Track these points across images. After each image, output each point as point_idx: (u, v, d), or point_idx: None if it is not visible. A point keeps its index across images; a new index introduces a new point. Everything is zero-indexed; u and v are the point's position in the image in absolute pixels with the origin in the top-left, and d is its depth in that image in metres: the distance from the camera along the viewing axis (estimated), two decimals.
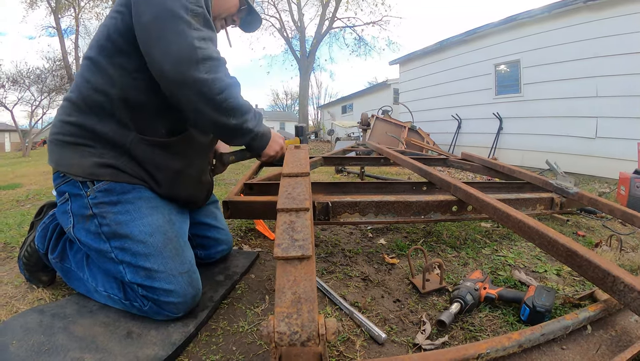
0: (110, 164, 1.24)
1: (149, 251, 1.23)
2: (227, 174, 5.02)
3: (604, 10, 5.48)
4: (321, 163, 3.08)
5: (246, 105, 1.27)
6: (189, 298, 1.25)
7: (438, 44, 9.26)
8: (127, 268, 1.24)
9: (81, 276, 1.38)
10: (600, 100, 5.59)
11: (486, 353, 0.85)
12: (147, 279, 1.22)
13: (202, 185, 1.55)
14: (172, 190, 1.37)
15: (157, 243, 1.25)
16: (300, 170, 1.16)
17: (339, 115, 23.47)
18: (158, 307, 1.22)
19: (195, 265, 1.36)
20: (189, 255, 1.34)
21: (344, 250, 1.96)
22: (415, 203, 1.65)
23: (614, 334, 1.06)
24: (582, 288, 1.52)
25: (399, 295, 1.48)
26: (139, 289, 1.23)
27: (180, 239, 1.33)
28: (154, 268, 1.22)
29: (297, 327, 0.52)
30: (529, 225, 1.23)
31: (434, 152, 6.88)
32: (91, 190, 1.23)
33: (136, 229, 1.24)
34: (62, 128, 1.25)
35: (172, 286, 1.22)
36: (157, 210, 1.31)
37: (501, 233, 2.25)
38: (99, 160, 1.23)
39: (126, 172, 1.26)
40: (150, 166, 1.30)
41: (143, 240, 1.23)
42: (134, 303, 1.26)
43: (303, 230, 0.72)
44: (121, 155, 1.26)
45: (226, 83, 1.18)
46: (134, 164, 1.27)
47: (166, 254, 1.25)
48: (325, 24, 19.54)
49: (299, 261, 0.63)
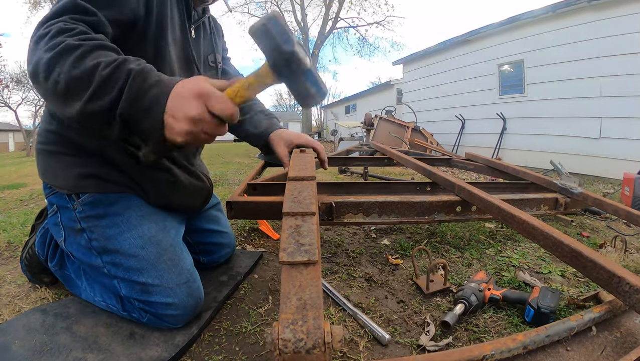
0: (94, 174, 1.17)
1: (142, 265, 1.17)
2: (230, 174, 5.03)
3: (607, 10, 5.45)
4: None
5: (85, 73, 0.81)
6: (189, 309, 1.21)
7: (441, 44, 9.24)
8: (121, 283, 1.20)
9: (79, 285, 1.36)
10: (604, 100, 5.57)
11: (491, 355, 0.85)
12: (143, 293, 1.17)
13: (196, 191, 1.42)
14: (162, 200, 1.29)
15: (150, 255, 1.18)
16: (306, 173, 1.16)
17: (342, 115, 23.48)
18: (157, 319, 1.18)
19: (196, 272, 1.30)
20: (187, 263, 1.27)
21: (347, 250, 1.96)
22: (419, 204, 1.65)
23: (619, 336, 1.05)
24: (586, 290, 1.51)
25: (402, 296, 1.47)
26: (135, 303, 1.19)
27: (176, 247, 1.26)
28: (148, 283, 1.17)
29: (303, 334, 0.51)
30: (533, 225, 1.22)
31: (438, 152, 6.86)
32: (77, 203, 1.19)
33: (126, 243, 1.17)
34: (46, 137, 1.21)
35: (171, 299, 1.17)
36: (148, 218, 1.23)
37: (505, 233, 2.25)
38: (83, 170, 1.17)
39: (112, 180, 1.19)
40: (135, 175, 1.21)
41: (134, 253, 1.17)
42: (132, 315, 1.22)
43: (309, 235, 0.71)
44: (104, 164, 1.18)
45: (47, 59, 0.82)
46: (118, 173, 1.20)
47: (161, 266, 1.19)
48: (328, 24, 19.56)
49: (305, 266, 0.63)
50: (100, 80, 0.81)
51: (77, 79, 0.81)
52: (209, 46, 1.52)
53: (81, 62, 0.82)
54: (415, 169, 2.39)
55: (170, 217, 1.33)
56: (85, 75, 0.81)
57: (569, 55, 6.06)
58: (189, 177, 1.36)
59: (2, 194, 4.00)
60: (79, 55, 0.82)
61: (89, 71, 0.81)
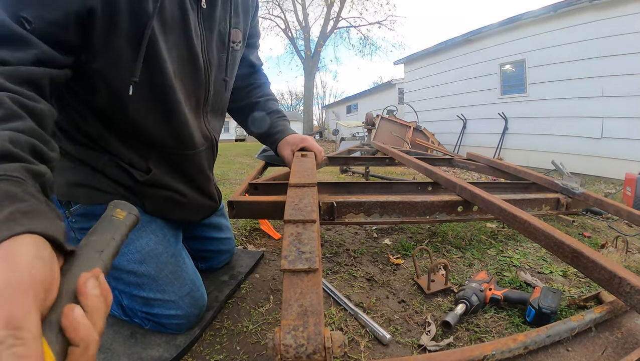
0: (86, 183, 1.08)
1: (142, 280, 1.13)
2: (231, 174, 5.03)
3: (609, 9, 5.45)
4: (326, 163, 3.08)
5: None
6: (193, 317, 1.19)
7: (443, 43, 9.24)
8: (122, 295, 1.18)
9: None
10: (606, 100, 5.56)
11: (491, 355, 0.85)
12: (145, 306, 1.15)
13: (202, 208, 1.37)
14: (158, 214, 1.22)
15: (150, 270, 1.13)
16: (307, 180, 1.16)
17: (343, 115, 23.47)
18: (160, 326, 1.17)
19: (198, 279, 1.27)
20: (189, 272, 1.24)
21: (348, 250, 1.96)
22: (420, 204, 1.65)
23: (620, 336, 1.05)
24: (587, 290, 1.51)
25: (403, 296, 1.47)
26: (138, 312, 1.18)
27: (177, 257, 1.22)
28: (150, 297, 1.14)
29: (303, 340, 0.52)
30: (535, 225, 1.22)
31: (439, 152, 6.86)
32: (69, 212, 1.11)
33: (123, 259, 1.11)
34: None
35: (174, 311, 1.15)
36: (146, 229, 1.16)
37: (507, 233, 2.24)
38: (72, 177, 1.08)
39: (105, 191, 1.09)
40: (130, 189, 1.13)
41: (133, 270, 1.12)
42: (134, 320, 1.21)
43: (310, 243, 0.72)
44: (95, 172, 1.09)
45: None
46: (111, 182, 1.10)
47: (162, 281, 1.15)
48: (330, 23, 19.54)
49: (306, 273, 0.64)
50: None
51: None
52: (224, 17, 1.16)
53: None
54: (416, 169, 2.39)
55: (167, 226, 1.26)
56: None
57: (570, 55, 6.05)
58: (198, 195, 1.31)
59: None
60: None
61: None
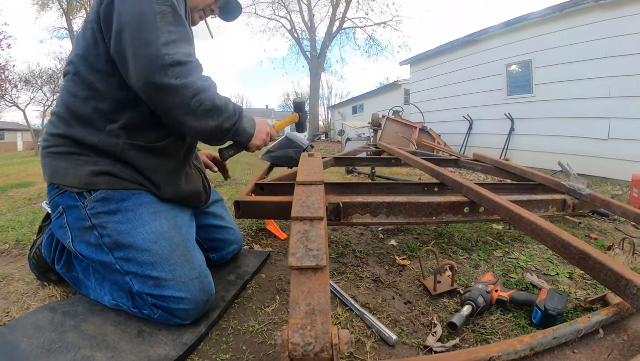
0: (106, 171, 1.21)
1: (155, 259, 1.20)
2: (237, 174, 5.04)
3: (616, 9, 5.40)
4: (332, 163, 3.08)
5: (223, 104, 1.20)
6: (201, 304, 1.24)
7: (449, 43, 9.20)
8: (134, 279, 1.22)
9: (88, 285, 1.38)
10: (612, 100, 5.51)
11: (497, 356, 0.85)
12: (156, 288, 1.20)
13: (198, 177, 1.53)
14: (171, 189, 1.35)
15: (163, 250, 1.22)
16: (314, 178, 1.16)
17: (349, 115, 23.41)
18: (168, 314, 1.20)
19: (207, 269, 1.33)
20: (199, 259, 1.31)
21: (354, 250, 1.96)
22: (426, 204, 1.65)
23: (626, 338, 1.04)
24: (594, 292, 1.50)
25: (409, 297, 1.47)
26: (148, 298, 1.21)
27: (188, 243, 1.31)
28: (161, 277, 1.20)
29: (311, 338, 0.53)
30: (541, 227, 1.22)
31: (445, 153, 6.83)
32: (88, 200, 1.21)
33: (139, 237, 1.21)
34: (53, 141, 1.23)
35: (183, 293, 1.20)
36: (160, 215, 1.28)
37: (513, 235, 2.24)
38: (95, 167, 1.21)
39: (123, 178, 1.24)
40: (145, 169, 1.27)
41: (147, 248, 1.21)
42: (143, 311, 1.24)
43: (317, 240, 0.72)
44: (116, 162, 1.23)
45: (198, 86, 1.12)
46: (130, 169, 1.25)
47: (174, 261, 1.23)
48: (335, 24, 19.51)
49: (313, 271, 0.64)
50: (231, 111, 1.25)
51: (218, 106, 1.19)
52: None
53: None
54: (422, 170, 2.39)
55: (181, 213, 1.38)
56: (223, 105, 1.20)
57: (577, 55, 6.01)
58: (192, 169, 1.51)
59: (10, 193, 4.03)
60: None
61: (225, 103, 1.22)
